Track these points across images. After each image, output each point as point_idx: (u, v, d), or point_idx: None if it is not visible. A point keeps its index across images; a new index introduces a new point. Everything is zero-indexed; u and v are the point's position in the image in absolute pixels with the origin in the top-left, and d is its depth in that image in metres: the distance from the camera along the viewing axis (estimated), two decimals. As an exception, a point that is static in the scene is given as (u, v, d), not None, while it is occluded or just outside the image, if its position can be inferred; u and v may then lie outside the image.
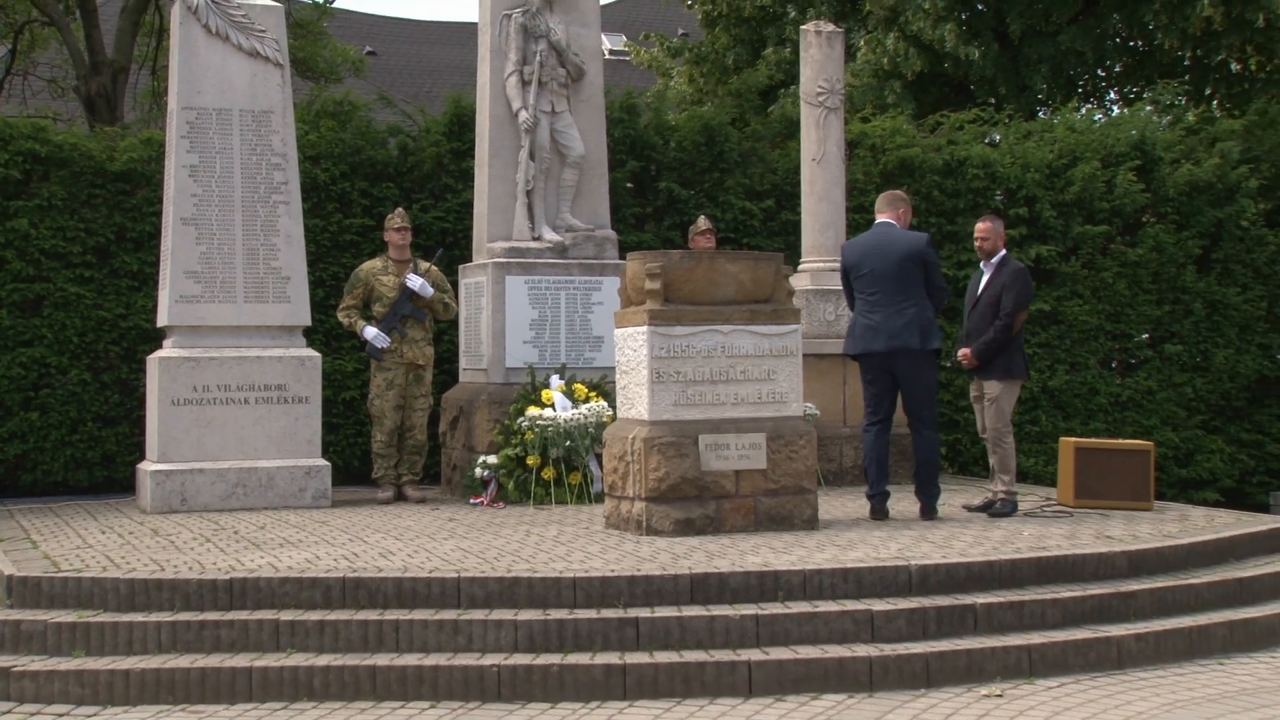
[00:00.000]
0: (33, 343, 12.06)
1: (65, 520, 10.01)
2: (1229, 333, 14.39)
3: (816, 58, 12.51)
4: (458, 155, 13.15)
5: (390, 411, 11.10)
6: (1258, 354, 14.49)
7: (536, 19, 11.56)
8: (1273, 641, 7.75)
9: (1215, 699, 6.52)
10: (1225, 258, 14.54)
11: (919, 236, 9.43)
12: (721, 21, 18.30)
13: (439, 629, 6.84)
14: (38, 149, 12.17)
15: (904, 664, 6.71)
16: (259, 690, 6.55)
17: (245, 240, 10.75)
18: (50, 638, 6.97)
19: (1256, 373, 14.46)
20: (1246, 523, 9.59)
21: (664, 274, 8.69)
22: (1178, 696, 6.56)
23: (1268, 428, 14.49)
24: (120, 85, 18.88)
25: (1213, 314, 14.38)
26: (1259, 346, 14.53)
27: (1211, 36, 16.63)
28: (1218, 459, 14.06)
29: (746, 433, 8.69)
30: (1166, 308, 14.29)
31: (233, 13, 10.84)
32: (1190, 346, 14.30)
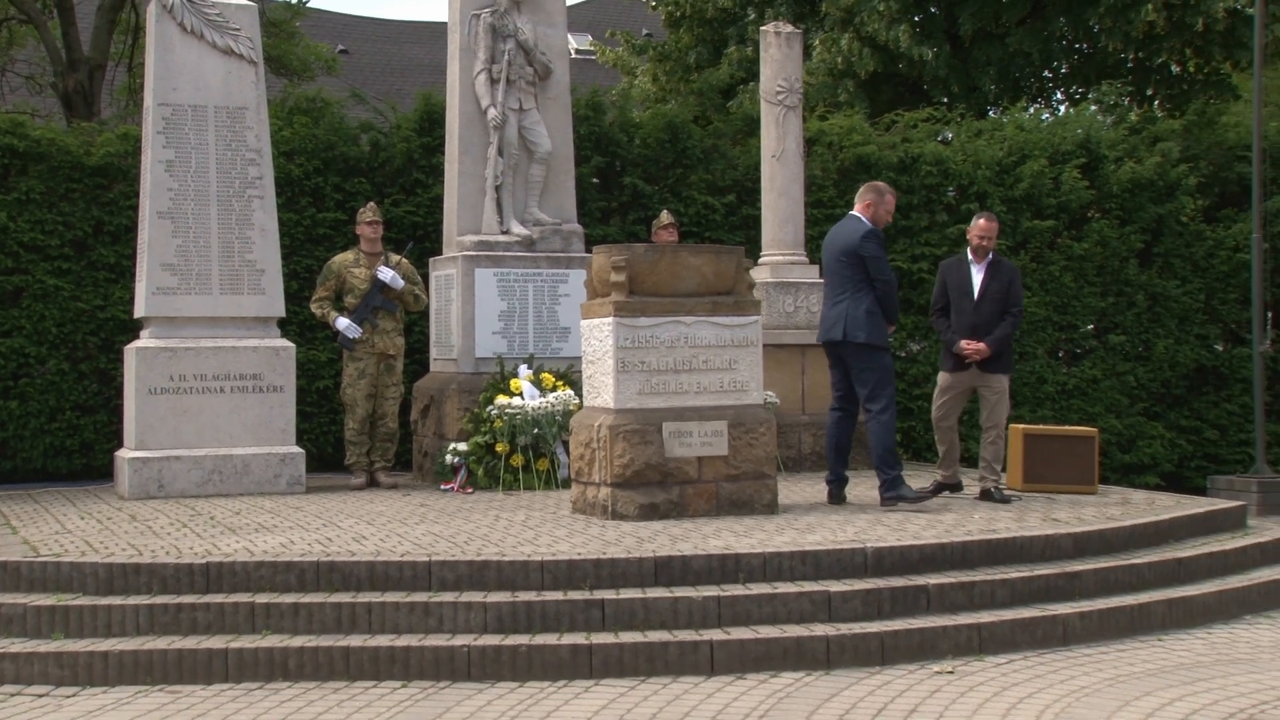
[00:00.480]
0: (11, 333, 12.00)
1: (44, 506, 9.95)
2: (1169, 324, 14.50)
3: (776, 58, 12.53)
4: (428, 151, 13.11)
5: (362, 400, 11.08)
6: (1196, 344, 14.61)
7: (504, 19, 11.54)
8: (1209, 619, 7.83)
9: (1154, 674, 6.57)
10: (1166, 252, 14.65)
11: (857, 230, 9.11)
12: (684, 22, 18.31)
13: (410, 611, 6.83)
14: (15, 144, 12.10)
15: (860, 643, 6.74)
16: (235, 671, 6.53)
17: (221, 234, 10.70)
18: (30, 620, 6.94)
19: (1195, 362, 14.57)
20: (1185, 505, 9.67)
21: (629, 267, 8.69)
22: (1119, 672, 6.62)
23: (1205, 414, 14.60)
24: (97, 82, 18.75)
25: (1154, 306, 14.49)
26: (1197, 337, 14.64)
27: (1153, 40, 16.74)
28: (1158, 445, 14.17)
29: (709, 420, 8.71)
30: (1110, 300, 14.39)
31: (207, 11, 10.78)
32: (1133, 337, 14.40)
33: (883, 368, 9.14)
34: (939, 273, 9.97)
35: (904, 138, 14.44)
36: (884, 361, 9.15)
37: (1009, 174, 14.20)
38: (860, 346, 9.03)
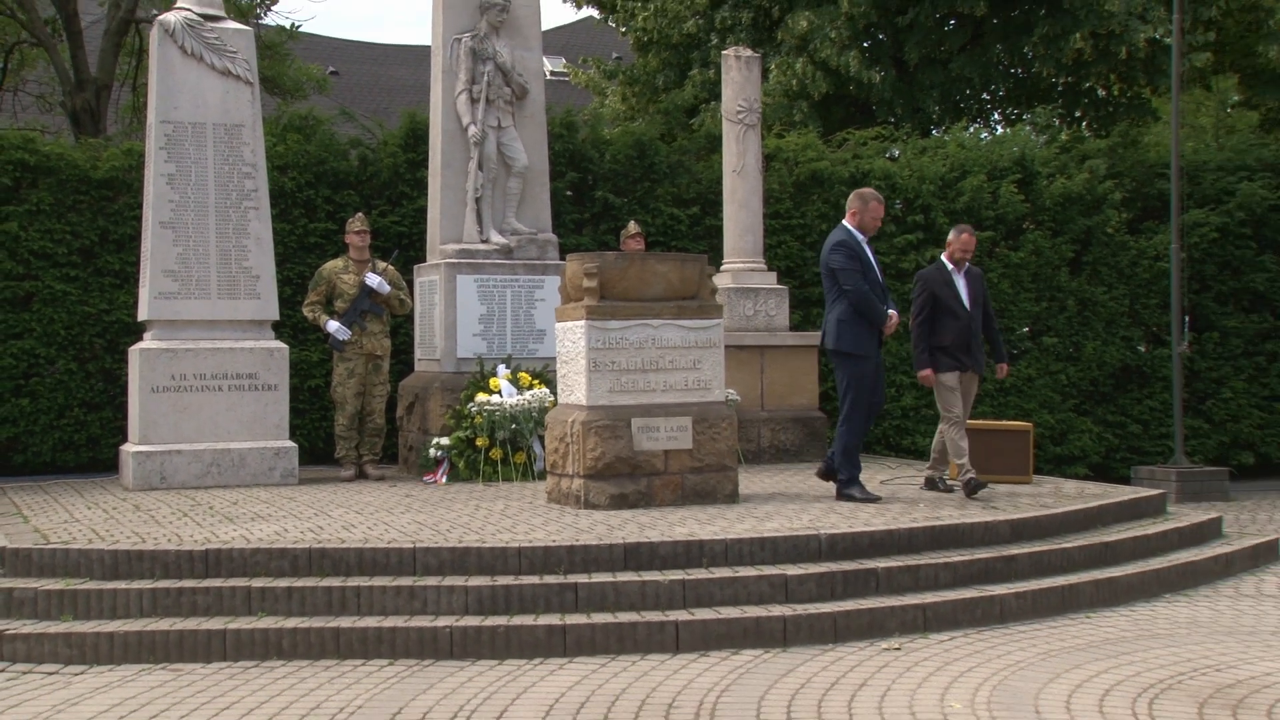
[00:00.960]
0: (23, 335, 11.95)
1: (54, 497, 9.89)
2: (1097, 327, 14.59)
3: (736, 80, 12.55)
4: (413, 165, 13.08)
5: (351, 398, 11.06)
6: (1121, 345, 14.70)
7: (484, 43, 11.53)
8: (1132, 597, 7.89)
9: (1083, 648, 6.62)
10: (1094, 261, 14.74)
11: (831, 241, 8.96)
12: (651, 47, 18.30)
13: (396, 594, 6.81)
14: (27, 158, 12.06)
15: (814, 622, 6.76)
16: (233, 650, 6.51)
17: (218, 242, 10.67)
18: (40, 604, 6.92)
19: (1120, 362, 14.67)
20: (1111, 494, 9.75)
21: (600, 274, 8.69)
22: (1051, 646, 6.66)
23: (1129, 410, 14.70)
24: (103, 101, 18.72)
25: (1083, 310, 14.58)
26: (1122, 339, 14.74)
27: (1082, 66, 16.83)
28: (1087, 438, 14.26)
29: (674, 416, 8.71)
30: (1044, 304, 14.46)
31: (206, 35, 10.74)
32: (1064, 339, 14.48)
33: (851, 374, 8.83)
34: (923, 284, 9.33)
35: (854, 154, 14.48)
36: (853, 368, 8.82)
37: (951, 188, 14.27)
38: (834, 353, 8.95)
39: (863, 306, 8.71)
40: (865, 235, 8.94)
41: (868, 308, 8.72)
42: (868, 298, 8.72)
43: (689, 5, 17.53)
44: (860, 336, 8.76)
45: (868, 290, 8.74)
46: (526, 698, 5.77)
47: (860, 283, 8.73)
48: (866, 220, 8.94)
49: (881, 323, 8.79)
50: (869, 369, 8.85)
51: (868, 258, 8.89)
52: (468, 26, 11.56)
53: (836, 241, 8.88)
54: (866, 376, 8.83)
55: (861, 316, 8.73)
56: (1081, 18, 15.96)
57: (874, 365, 8.92)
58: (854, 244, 8.85)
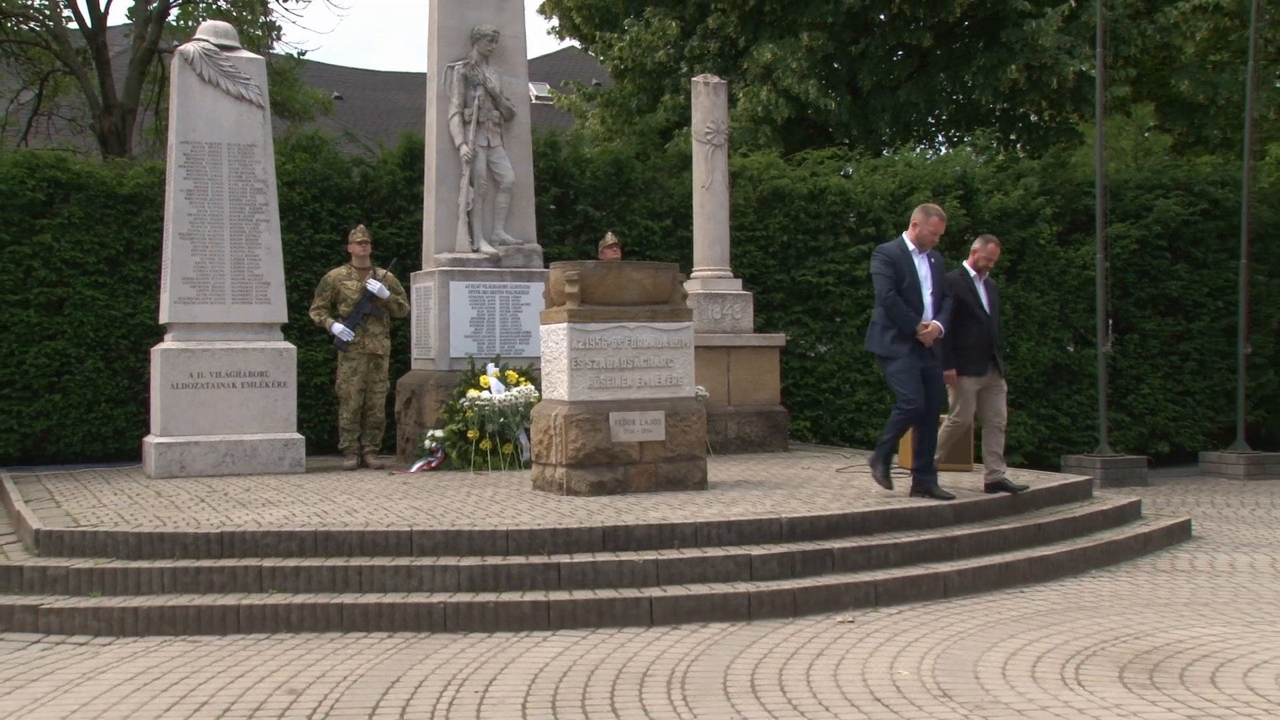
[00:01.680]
0: (56, 337, 11.89)
1: (83, 484, 9.83)
2: (1031, 329, 14.65)
3: (705, 104, 12.55)
4: (410, 182, 13.03)
5: (354, 394, 11.02)
6: (1052, 346, 14.77)
7: (475, 70, 11.50)
8: (1061, 574, 7.93)
9: (1017, 619, 6.65)
10: (1028, 269, 14.80)
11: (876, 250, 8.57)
12: (628, 74, 18.27)
13: (395, 573, 6.80)
14: (59, 176, 12.02)
15: (776, 598, 6.76)
16: (245, 624, 6.49)
17: (232, 252, 10.62)
18: (71, 581, 6.90)
19: (1051, 361, 14.74)
20: (1043, 480, 9.79)
21: (581, 280, 8.67)
22: (989, 618, 6.68)
23: (1060, 404, 14.77)
24: (129, 124, 18.73)
25: (1019, 314, 14.64)
26: (1053, 340, 14.80)
27: (1017, 94, 16.91)
28: (1023, 429, 14.32)
29: (649, 410, 8.71)
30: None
31: (222, 63, 10.70)
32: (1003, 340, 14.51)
33: (889, 373, 8.40)
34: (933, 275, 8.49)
35: (813, 172, 14.50)
36: (888, 368, 8.38)
37: (900, 203, 14.30)
38: (878, 356, 8.55)
39: (893, 312, 8.23)
40: (923, 247, 8.38)
41: (897, 313, 8.21)
42: (894, 304, 8.22)
43: (661, 36, 17.51)
44: (888, 340, 8.28)
45: (895, 297, 8.21)
46: (514, 667, 5.75)
47: (888, 290, 8.23)
48: (925, 233, 8.37)
49: (909, 329, 8.18)
50: (902, 367, 8.23)
51: (911, 266, 8.31)
52: (460, 55, 11.53)
53: (879, 248, 8.54)
54: (906, 372, 8.21)
55: (892, 321, 8.28)
56: (1017, 51, 16.06)
57: (914, 364, 8.23)
58: (896, 254, 8.35)
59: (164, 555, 7.12)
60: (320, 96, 22.20)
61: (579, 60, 26.78)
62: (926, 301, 8.28)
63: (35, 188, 11.87)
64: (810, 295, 13.99)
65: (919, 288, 8.30)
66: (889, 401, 13.76)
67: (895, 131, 17.94)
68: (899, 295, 8.23)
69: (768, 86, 16.39)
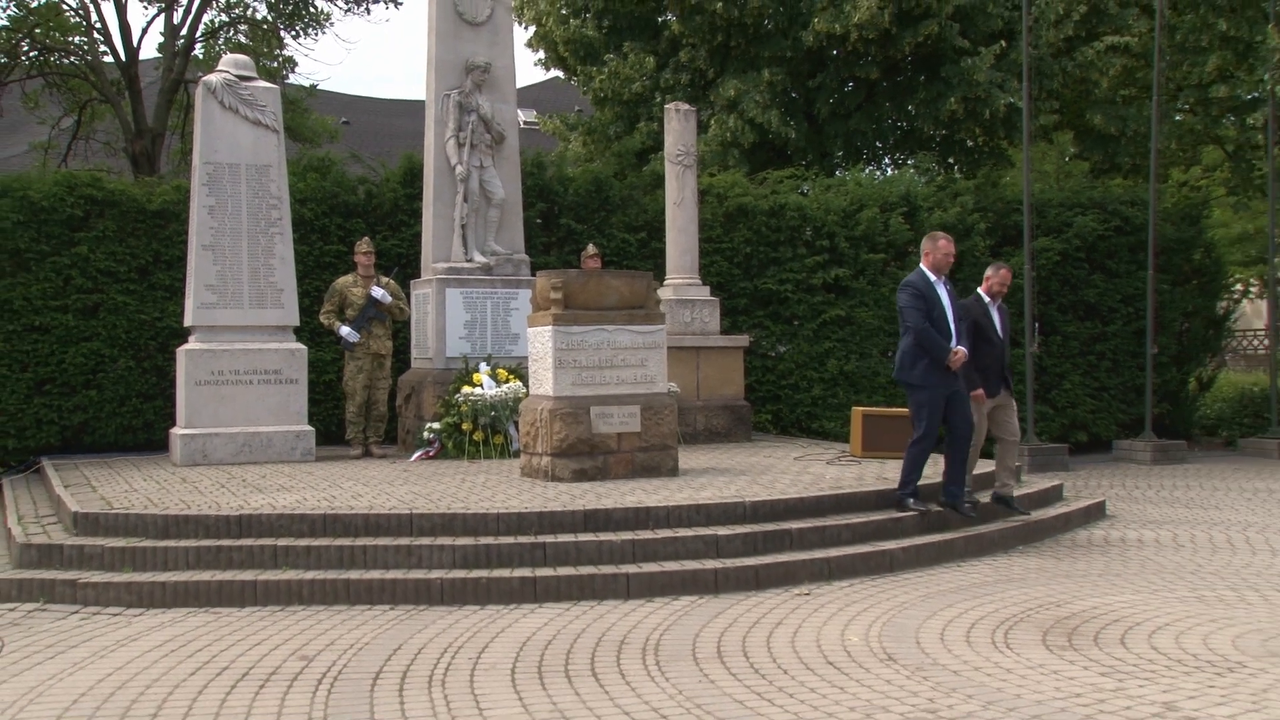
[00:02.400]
0: (91, 338, 11.81)
1: (116, 471, 9.78)
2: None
3: (676, 129, 12.56)
4: (410, 198, 12.98)
5: (360, 390, 10.98)
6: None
7: (469, 97, 11.48)
8: (993, 550, 7.98)
9: (954, 590, 6.68)
10: (964, 278, 14.80)
11: (902, 282, 7.99)
12: (607, 103, 18.26)
13: (396, 552, 6.79)
14: (95, 194, 11.95)
15: (740, 573, 6.78)
16: (262, 597, 6.47)
17: (250, 262, 10.58)
18: (106, 558, 6.89)
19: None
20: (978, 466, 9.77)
21: (564, 287, 8.67)
22: (929, 590, 6.72)
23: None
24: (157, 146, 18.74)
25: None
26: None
27: (955, 122, 16.99)
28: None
29: (626, 405, 8.72)
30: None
31: (241, 92, 10.66)
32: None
33: (916, 401, 7.85)
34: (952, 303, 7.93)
35: (773, 190, 14.51)
36: (916, 396, 7.84)
37: (851, 218, 14.34)
38: (899, 381, 7.98)
39: (925, 341, 7.68)
40: (939, 274, 7.85)
41: (928, 342, 7.67)
42: (928, 334, 7.67)
43: (637, 70, 17.52)
44: (921, 369, 7.74)
45: (928, 327, 7.67)
46: (504, 636, 5.75)
47: (921, 320, 7.67)
48: (938, 259, 7.83)
49: (942, 357, 7.66)
50: (929, 398, 7.76)
51: (937, 296, 7.78)
52: (456, 85, 11.51)
53: (905, 282, 7.90)
54: (930, 405, 7.77)
55: (924, 350, 7.72)
56: (955, 85, 16.15)
57: (940, 395, 7.77)
58: (921, 284, 7.79)
59: (189, 535, 7.10)
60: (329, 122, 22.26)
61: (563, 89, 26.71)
62: (952, 329, 7.77)
63: (74, 205, 11.78)
64: (771, 301, 14.02)
65: (945, 316, 7.77)
66: (841, 397, 13.84)
67: (847, 154, 18.01)
68: (930, 324, 7.69)
69: (734, 115, 16.43)
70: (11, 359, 11.56)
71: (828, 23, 15.61)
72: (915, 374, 7.76)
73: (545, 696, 4.82)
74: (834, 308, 13.99)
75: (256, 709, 4.71)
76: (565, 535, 6.99)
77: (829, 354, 13.93)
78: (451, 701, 4.76)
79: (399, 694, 4.88)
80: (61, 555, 7.00)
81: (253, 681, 5.07)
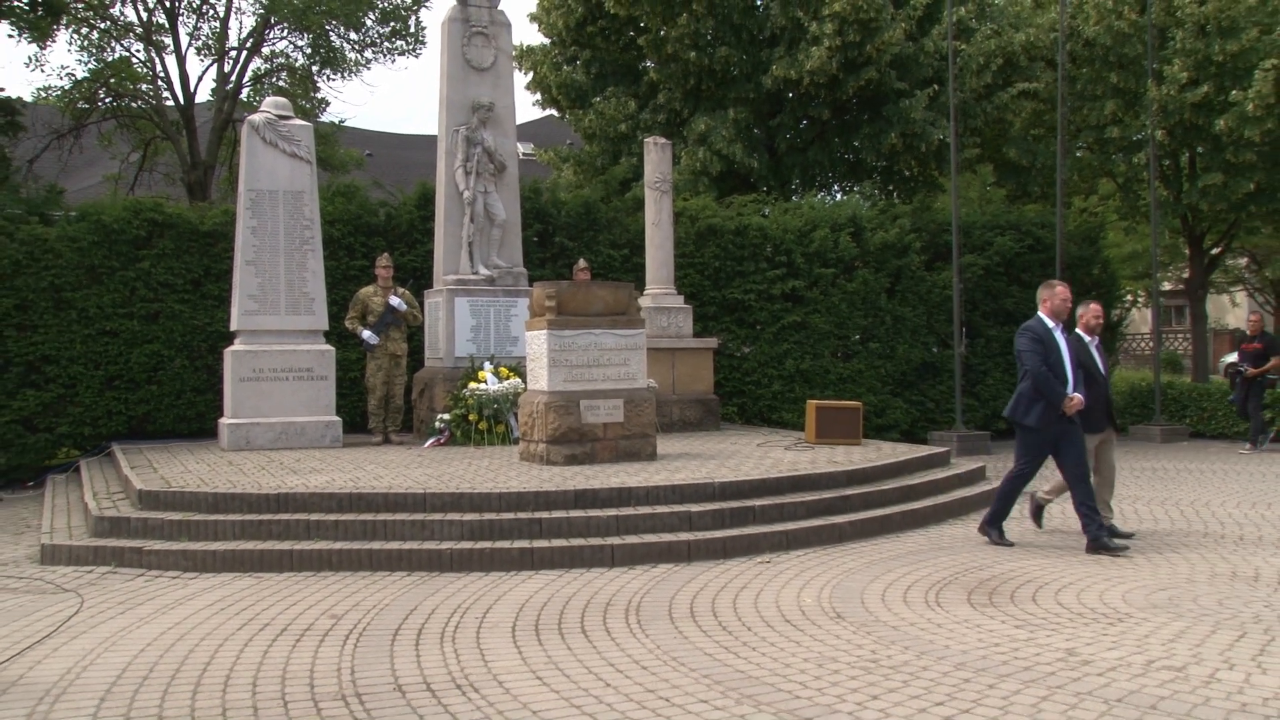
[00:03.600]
0: (152, 341, 11.75)
1: (173, 455, 9.75)
2: (905, 335, 14.73)
3: (654, 160, 12.55)
4: (424, 219, 12.93)
5: (379, 385, 10.94)
6: (921, 348, 14.86)
7: (476, 133, 11.45)
8: (927, 523, 8.02)
9: (894, 558, 6.72)
10: (903, 289, 14.90)
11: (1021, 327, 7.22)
12: (595, 138, 18.24)
13: (412, 525, 6.78)
14: (156, 217, 11.90)
15: (710, 544, 6.80)
16: (297, 564, 6.46)
17: (286, 274, 10.53)
18: (166, 529, 6.90)
19: (921, 359, 14.81)
20: (914, 451, 9.87)
21: (557, 296, 8.67)
22: (873, 558, 6.75)
23: (927, 393, 14.81)
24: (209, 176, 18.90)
25: (896, 323, 14.71)
26: (922, 343, 14.88)
27: (894, 155, 17.03)
28: (899, 412, 14.40)
29: (610, 399, 8.72)
30: (870, 319, 14.58)
31: (280, 129, 10.65)
32: (883, 344, 14.61)
33: (1023, 441, 7.12)
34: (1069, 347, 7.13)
35: (738, 213, 14.51)
36: (1025, 436, 7.10)
37: (806, 237, 14.36)
38: (1011, 420, 7.20)
39: (1042, 386, 6.93)
40: (1058, 320, 7.10)
41: (1046, 388, 6.92)
42: (1046, 379, 6.92)
43: (620, 110, 17.53)
44: (1036, 412, 6.99)
45: (1046, 372, 6.92)
46: (506, 598, 5.75)
47: (1039, 365, 6.94)
48: (1056, 305, 7.10)
49: (1059, 402, 6.91)
50: (1038, 440, 7.06)
51: (1055, 342, 7.05)
52: (464, 121, 11.48)
53: (1024, 327, 7.16)
54: (1036, 447, 7.08)
55: (1040, 394, 6.97)
56: (894, 123, 16.20)
57: (1050, 439, 7.03)
58: (1040, 330, 7.07)
59: (235, 510, 7.07)
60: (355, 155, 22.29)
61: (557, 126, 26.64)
62: (1069, 375, 7.02)
63: (138, 227, 11.73)
64: (736, 309, 14.04)
65: (1063, 362, 7.03)
66: (798, 391, 13.87)
67: (803, 182, 18.02)
68: (1049, 370, 6.96)
69: (705, 148, 16.45)
70: (87, 359, 11.49)
71: (785, 69, 15.66)
72: (1030, 417, 7.00)
73: (541, 650, 4.82)
74: (791, 315, 14.02)
75: (294, 659, 4.71)
76: (558, 511, 7.00)
77: (787, 354, 13.97)
78: (460, 654, 4.76)
79: (415, 647, 4.87)
80: (129, 526, 6.98)
81: (290, 635, 5.06)
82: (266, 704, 4.15)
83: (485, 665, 4.61)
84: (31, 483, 11.09)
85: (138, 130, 20.45)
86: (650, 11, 16.37)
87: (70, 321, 11.46)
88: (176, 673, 4.55)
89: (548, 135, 29.31)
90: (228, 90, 19.62)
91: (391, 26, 20.43)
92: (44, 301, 11.39)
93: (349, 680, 4.41)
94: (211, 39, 19.84)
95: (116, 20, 19.21)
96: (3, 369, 11.29)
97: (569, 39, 18.10)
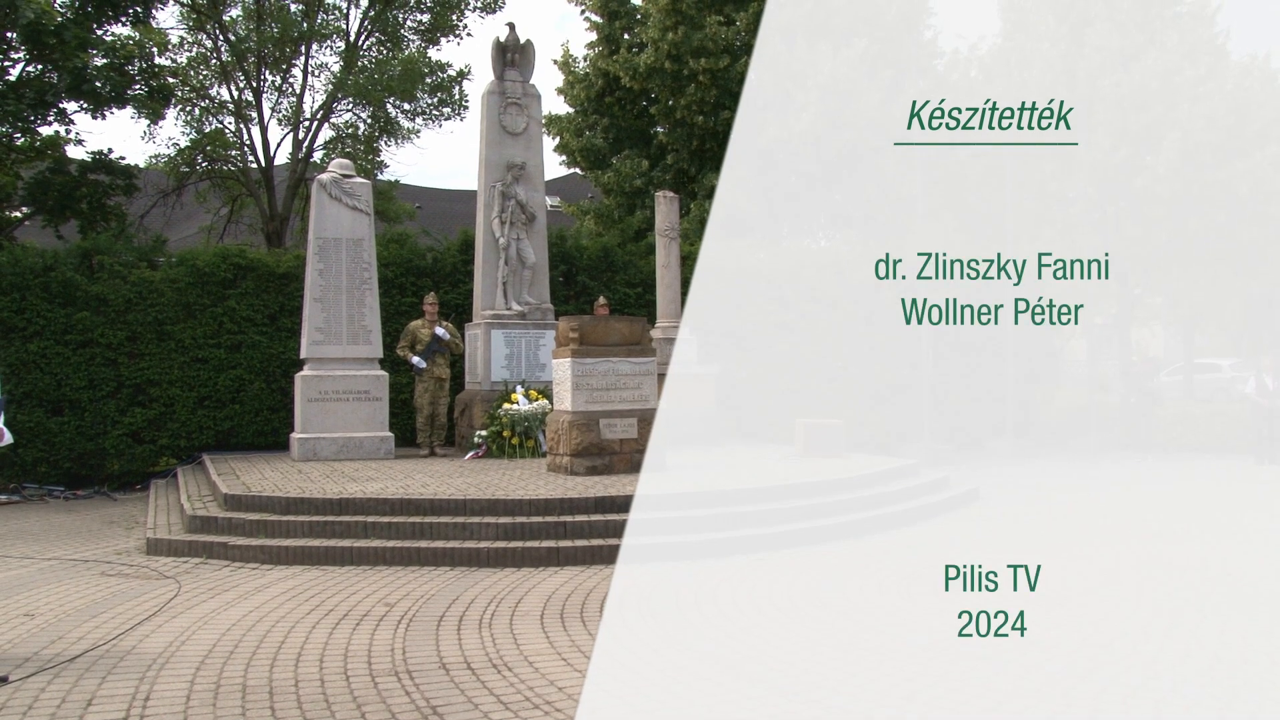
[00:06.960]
0: (236, 367, 11.90)
1: (252, 464, 9.82)
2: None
3: (664, 210, 12.62)
4: (465, 263, 13.05)
5: (426, 405, 11.02)
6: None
7: (510, 188, 11.57)
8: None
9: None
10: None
11: None
12: (613, 194, 18.44)
13: (454, 527, 6.82)
14: (240, 262, 12.10)
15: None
16: (357, 559, 6.51)
17: (348, 310, 10.63)
18: (247, 528, 6.97)
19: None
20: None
21: (580, 329, 8.73)
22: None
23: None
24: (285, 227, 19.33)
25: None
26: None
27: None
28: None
29: (626, 417, 8.74)
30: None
31: (344, 186, 10.79)
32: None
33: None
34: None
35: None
36: None
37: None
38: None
39: None
40: None
41: None
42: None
43: (634, 169, 17.73)
44: None
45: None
46: (535, 590, 5.79)
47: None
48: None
49: None
50: None
51: None
52: (500, 179, 11.60)
53: None
54: None
55: None
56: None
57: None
58: None
59: (303, 512, 7.14)
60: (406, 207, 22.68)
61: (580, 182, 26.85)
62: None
63: (226, 270, 11.95)
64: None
65: None
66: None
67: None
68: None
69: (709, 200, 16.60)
70: (183, 382, 11.70)
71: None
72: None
73: (565, 634, 4.87)
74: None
75: (354, 639, 4.77)
76: (580, 516, 7.02)
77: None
78: (496, 638, 4.81)
79: (457, 631, 4.92)
80: (216, 524, 7.07)
81: (351, 620, 5.12)
82: (331, 677, 4.22)
83: (517, 648, 4.66)
84: (140, 486, 11.33)
85: (227, 189, 21.35)
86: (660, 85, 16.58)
87: (170, 350, 11.67)
88: (257, 649, 4.62)
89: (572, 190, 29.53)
90: (301, 154, 20.15)
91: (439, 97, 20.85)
92: (149, 333, 11.63)
93: (400, 659, 4.47)
94: (289, 112, 20.71)
95: (213, 99, 20.27)
96: (116, 390, 11.51)
97: (590, 108, 18.35)
